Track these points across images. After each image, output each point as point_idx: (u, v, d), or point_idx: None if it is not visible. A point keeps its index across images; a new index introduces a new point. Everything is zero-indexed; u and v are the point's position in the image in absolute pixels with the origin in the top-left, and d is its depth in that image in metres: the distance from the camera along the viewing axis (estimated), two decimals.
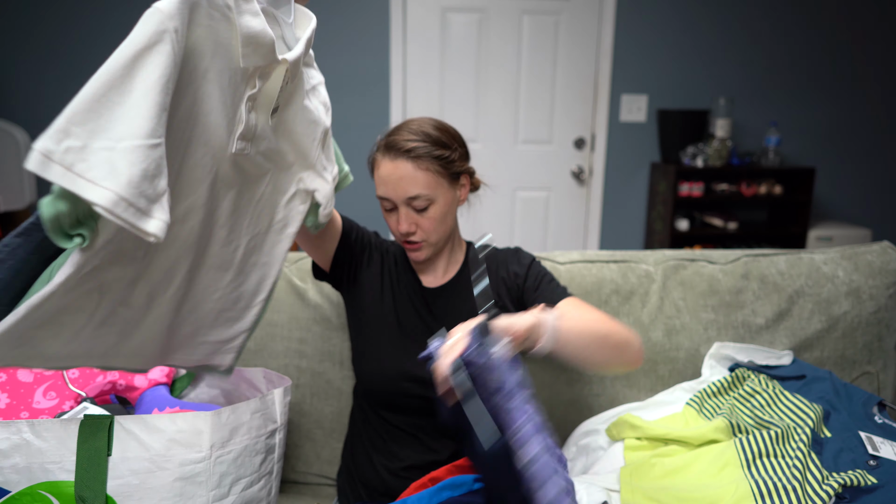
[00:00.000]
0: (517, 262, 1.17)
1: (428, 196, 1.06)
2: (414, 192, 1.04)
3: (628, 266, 1.37)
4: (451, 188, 1.10)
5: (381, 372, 1.12)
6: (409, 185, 1.04)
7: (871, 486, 0.87)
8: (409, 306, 1.15)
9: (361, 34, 3.07)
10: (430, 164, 1.05)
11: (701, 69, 3.18)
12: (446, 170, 1.08)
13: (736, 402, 1.12)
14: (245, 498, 1.01)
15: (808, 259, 1.37)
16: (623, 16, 3.10)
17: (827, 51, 3.20)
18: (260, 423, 1.03)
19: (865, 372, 1.31)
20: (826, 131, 3.29)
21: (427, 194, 1.05)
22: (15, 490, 0.91)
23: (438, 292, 1.16)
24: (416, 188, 1.04)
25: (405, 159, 1.04)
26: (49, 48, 2.99)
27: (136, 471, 0.92)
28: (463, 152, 1.12)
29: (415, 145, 1.04)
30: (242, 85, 0.76)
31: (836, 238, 3.10)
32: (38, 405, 1.05)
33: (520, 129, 3.22)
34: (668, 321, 1.31)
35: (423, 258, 1.12)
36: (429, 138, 1.06)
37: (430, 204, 1.07)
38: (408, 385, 1.09)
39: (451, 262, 1.19)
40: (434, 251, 1.12)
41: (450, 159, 1.08)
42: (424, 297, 1.16)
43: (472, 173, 1.16)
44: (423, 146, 1.05)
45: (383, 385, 1.12)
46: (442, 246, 1.15)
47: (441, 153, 1.07)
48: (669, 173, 3.02)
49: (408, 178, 1.04)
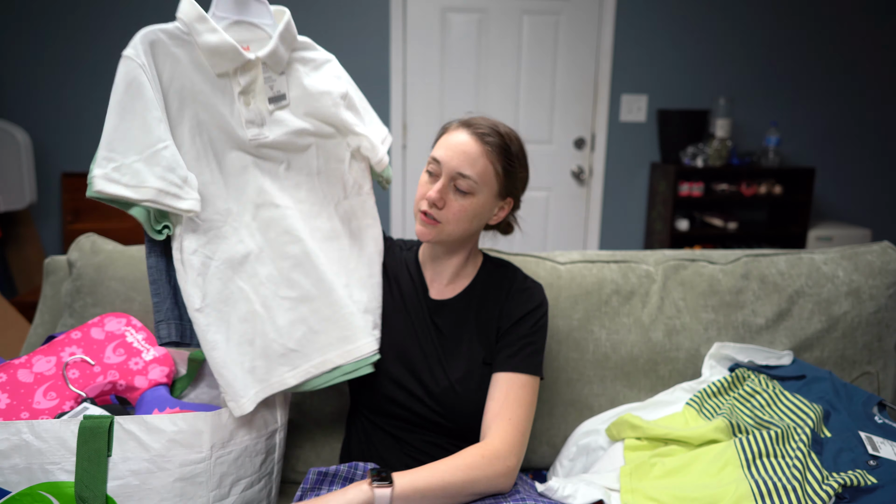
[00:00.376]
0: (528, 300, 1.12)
1: (475, 184, 1.04)
2: (467, 172, 1.03)
3: (628, 266, 1.37)
4: (494, 198, 1.09)
5: (371, 380, 1.11)
6: (467, 163, 1.03)
7: (870, 487, 0.87)
8: (411, 315, 1.14)
9: (361, 34, 3.07)
10: (494, 160, 1.05)
11: (701, 69, 3.18)
12: (503, 178, 1.07)
13: (736, 402, 1.12)
14: (245, 498, 1.01)
15: (808, 259, 1.37)
16: (623, 16, 3.10)
17: (827, 51, 3.20)
18: (260, 424, 1.03)
19: (865, 372, 1.31)
20: (826, 131, 3.29)
21: (476, 182, 1.04)
22: (15, 491, 0.91)
23: (443, 304, 1.15)
24: (471, 170, 1.03)
25: (477, 141, 1.04)
26: (49, 49, 2.99)
27: (137, 471, 0.92)
28: (523, 179, 1.12)
29: (491, 139, 1.05)
30: (229, 86, 0.97)
31: (836, 238, 3.10)
32: (38, 406, 1.05)
33: (520, 129, 3.20)
34: (668, 321, 1.31)
35: (428, 238, 1.08)
36: (504, 141, 1.07)
37: (471, 193, 1.05)
38: (391, 389, 1.09)
39: (462, 275, 1.16)
40: (441, 239, 1.09)
41: (510, 171, 1.08)
42: (429, 308, 1.15)
43: (515, 206, 1.15)
44: (497, 143, 1.05)
45: (369, 387, 1.12)
46: (454, 247, 1.14)
47: (508, 160, 1.07)
48: (669, 173, 3.02)
49: (471, 156, 1.04)
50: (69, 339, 1.16)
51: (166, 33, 0.92)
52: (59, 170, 3.09)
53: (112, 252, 1.39)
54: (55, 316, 1.43)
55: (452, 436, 1.10)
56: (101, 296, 1.33)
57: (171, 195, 0.88)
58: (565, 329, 1.30)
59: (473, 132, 1.05)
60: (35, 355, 1.13)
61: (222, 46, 0.95)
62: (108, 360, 1.14)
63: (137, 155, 0.87)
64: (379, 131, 1.16)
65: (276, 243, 1.02)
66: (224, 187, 1.00)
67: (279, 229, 1.02)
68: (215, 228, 0.99)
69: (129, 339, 1.20)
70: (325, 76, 1.09)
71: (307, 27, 3.04)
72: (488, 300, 1.13)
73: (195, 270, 0.95)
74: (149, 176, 0.87)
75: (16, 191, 2.82)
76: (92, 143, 3.07)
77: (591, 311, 1.32)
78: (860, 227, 3.19)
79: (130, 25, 2.98)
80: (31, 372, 1.09)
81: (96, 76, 3.02)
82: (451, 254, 1.15)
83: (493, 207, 1.10)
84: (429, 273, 1.18)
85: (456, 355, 1.10)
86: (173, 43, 0.93)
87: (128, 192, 0.86)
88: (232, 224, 1.00)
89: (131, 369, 1.15)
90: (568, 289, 1.33)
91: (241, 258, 0.99)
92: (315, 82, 1.06)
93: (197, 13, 0.95)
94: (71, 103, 3.04)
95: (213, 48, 0.94)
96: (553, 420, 1.30)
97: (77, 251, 1.39)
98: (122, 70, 0.88)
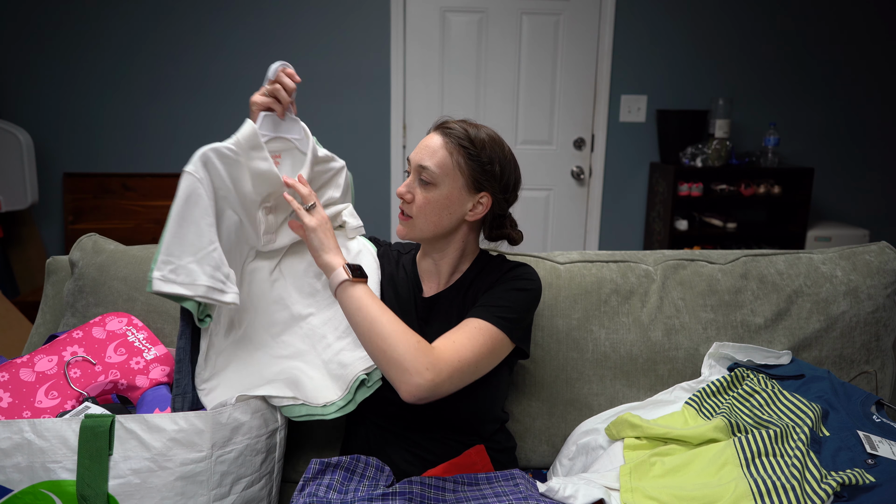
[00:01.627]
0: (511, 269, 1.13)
1: (435, 175, 1.08)
2: (426, 163, 1.08)
3: (628, 266, 1.37)
4: (463, 191, 1.10)
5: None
6: (427, 155, 1.09)
7: (869, 485, 0.87)
8: (407, 315, 1.15)
9: (361, 34, 3.07)
10: (456, 152, 1.08)
11: (700, 70, 3.18)
12: (468, 170, 1.09)
13: (735, 402, 1.13)
14: (246, 497, 1.02)
15: (807, 259, 1.37)
16: (623, 16, 3.10)
17: (826, 51, 3.20)
18: (260, 423, 1.04)
19: (863, 371, 1.31)
20: (825, 132, 3.29)
21: (435, 173, 1.08)
22: (17, 489, 0.92)
23: (434, 300, 1.16)
24: (430, 161, 1.08)
25: (440, 135, 1.10)
26: (51, 49, 2.99)
27: (138, 470, 0.92)
28: (499, 174, 1.11)
29: (454, 132, 1.09)
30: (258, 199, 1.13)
31: (835, 238, 3.10)
32: (40, 405, 1.05)
33: (519, 129, 3.22)
34: (667, 321, 1.31)
35: (404, 235, 1.14)
36: (469, 135, 1.09)
37: (432, 183, 1.08)
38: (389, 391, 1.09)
39: (455, 272, 1.18)
40: (416, 235, 1.12)
41: (478, 162, 1.09)
42: (420, 306, 1.17)
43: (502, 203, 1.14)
44: (458, 135, 1.09)
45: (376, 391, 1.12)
46: (440, 245, 1.15)
47: (472, 151, 1.09)
48: (669, 173, 3.03)
49: (431, 149, 1.09)
50: (71, 338, 1.16)
51: (220, 154, 1.06)
52: (61, 170, 3.10)
53: (114, 252, 1.39)
54: (57, 315, 1.43)
55: (453, 430, 1.11)
56: (102, 295, 1.34)
57: (217, 290, 1.02)
58: (564, 329, 1.31)
59: (441, 130, 1.11)
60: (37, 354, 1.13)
61: (268, 174, 1.10)
62: (110, 360, 1.15)
63: (192, 257, 1.00)
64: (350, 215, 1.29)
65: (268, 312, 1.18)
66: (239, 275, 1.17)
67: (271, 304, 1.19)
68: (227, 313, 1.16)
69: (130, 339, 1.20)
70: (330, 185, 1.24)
71: (308, 28, 3.04)
72: (477, 288, 1.14)
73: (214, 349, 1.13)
74: (200, 275, 1.00)
75: (17, 191, 2.82)
76: (93, 143, 3.08)
77: (590, 310, 1.32)
78: (858, 228, 3.19)
79: (131, 26, 2.99)
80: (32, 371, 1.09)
81: (98, 76, 3.03)
82: (440, 252, 1.16)
83: (465, 201, 1.11)
84: (427, 273, 1.20)
85: None
86: (223, 161, 1.06)
87: (182, 290, 0.99)
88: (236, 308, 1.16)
89: (132, 368, 1.15)
90: (567, 288, 1.33)
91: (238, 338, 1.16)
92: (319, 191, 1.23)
93: (255, 142, 1.08)
94: (72, 104, 3.04)
95: (261, 174, 1.10)
96: (553, 420, 1.30)
97: (79, 251, 1.39)
98: (184, 184, 1.01)
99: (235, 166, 1.08)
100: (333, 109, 3.13)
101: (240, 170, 1.08)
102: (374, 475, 1.03)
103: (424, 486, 0.96)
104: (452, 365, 0.96)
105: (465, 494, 0.97)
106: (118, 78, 3.03)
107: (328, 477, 1.00)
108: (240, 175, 1.09)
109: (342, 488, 0.98)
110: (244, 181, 1.09)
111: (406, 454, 1.11)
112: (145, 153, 3.12)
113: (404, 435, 1.12)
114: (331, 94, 3.11)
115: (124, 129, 3.09)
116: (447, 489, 0.98)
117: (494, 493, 0.97)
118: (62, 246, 3.15)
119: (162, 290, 0.98)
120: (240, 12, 3.01)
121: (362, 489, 0.98)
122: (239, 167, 1.08)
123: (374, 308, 0.98)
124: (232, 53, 3.04)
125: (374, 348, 0.96)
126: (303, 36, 3.04)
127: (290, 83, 1.10)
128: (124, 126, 3.08)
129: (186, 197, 1.01)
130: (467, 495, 0.97)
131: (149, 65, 3.03)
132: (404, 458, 1.11)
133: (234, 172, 1.08)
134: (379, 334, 0.95)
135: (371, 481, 1.01)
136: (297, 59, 3.03)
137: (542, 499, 0.95)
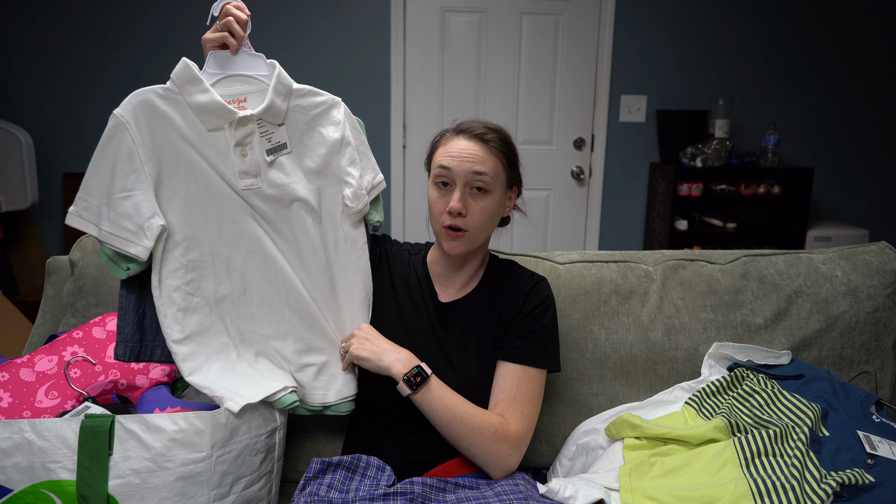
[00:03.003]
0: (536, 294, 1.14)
1: (491, 180, 1.08)
2: (481, 169, 1.06)
3: (628, 266, 1.37)
4: (504, 190, 1.12)
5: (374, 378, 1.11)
6: (478, 162, 1.07)
7: (868, 485, 0.87)
8: (421, 318, 1.15)
9: (361, 35, 3.07)
10: (498, 153, 1.09)
11: (700, 70, 3.18)
12: (508, 167, 1.11)
13: (735, 402, 1.13)
14: (245, 497, 1.02)
15: (807, 259, 1.37)
16: (623, 16, 3.10)
17: (825, 51, 3.20)
18: (260, 423, 1.04)
19: (863, 371, 1.31)
20: (825, 132, 3.29)
21: (491, 177, 1.08)
22: (17, 489, 0.92)
23: (453, 306, 1.16)
24: (483, 166, 1.07)
25: (478, 142, 1.08)
26: (51, 49, 2.99)
27: (138, 470, 0.92)
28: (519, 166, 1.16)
29: (490, 136, 1.09)
30: (224, 139, 1.06)
31: (835, 238, 3.11)
32: (40, 405, 1.05)
33: (520, 129, 3.22)
34: (667, 321, 1.31)
35: (460, 251, 1.10)
36: (499, 133, 1.11)
37: (489, 190, 1.08)
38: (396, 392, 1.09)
39: (473, 277, 1.18)
40: (470, 248, 1.11)
41: (513, 161, 1.12)
42: (437, 311, 1.16)
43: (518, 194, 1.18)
44: (495, 137, 1.10)
45: (374, 389, 1.13)
46: (475, 251, 1.15)
47: (508, 149, 1.11)
48: (669, 173, 3.03)
49: (479, 156, 1.07)
50: (71, 338, 1.17)
51: (156, 94, 1.03)
52: (61, 170, 3.10)
53: None
54: (57, 315, 1.43)
55: None
56: (103, 295, 1.34)
57: (120, 238, 1.01)
58: (564, 329, 1.31)
59: (471, 135, 1.09)
60: (37, 354, 1.13)
61: (210, 105, 1.04)
62: (110, 360, 1.15)
63: (104, 199, 1.01)
64: (369, 177, 1.17)
65: (261, 289, 1.11)
66: (217, 232, 1.09)
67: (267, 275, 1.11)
68: (200, 268, 1.09)
69: None
70: (323, 123, 1.13)
71: (308, 28, 3.04)
72: (497, 298, 1.15)
73: (175, 306, 1.06)
74: (104, 220, 1.01)
75: (17, 191, 2.82)
76: (93, 143, 3.07)
77: (590, 310, 1.32)
78: (858, 228, 3.19)
79: (131, 26, 2.99)
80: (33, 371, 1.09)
81: (97, 77, 3.03)
82: (470, 259, 1.16)
83: (505, 199, 1.13)
84: (440, 278, 1.19)
85: (468, 354, 1.11)
86: (164, 102, 1.03)
87: (88, 229, 1.01)
88: (219, 266, 1.10)
89: (132, 368, 1.15)
90: (567, 288, 1.33)
91: (221, 297, 1.10)
92: (312, 130, 1.13)
93: (189, 75, 1.03)
94: (72, 103, 3.04)
95: (201, 107, 1.04)
96: (553, 419, 1.30)
97: (79, 251, 1.39)
98: (108, 126, 1.01)
99: (179, 106, 1.04)
100: None
101: (185, 110, 1.04)
102: (376, 475, 1.03)
103: (425, 487, 0.96)
104: (528, 435, 1.08)
105: (466, 494, 0.97)
106: (118, 78, 3.03)
107: (329, 476, 1.00)
108: (189, 115, 1.04)
109: (343, 488, 0.99)
110: (192, 120, 1.05)
111: (408, 453, 1.11)
112: None
113: (406, 434, 1.12)
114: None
115: None
116: (448, 489, 0.98)
117: (495, 493, 0.97)
118: (62, 246, 3.15)
119: (72, 224, 1.01)
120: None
121: (363, 489, 0.98)
122: (183, 107, 1.04)
123: (447, 409, 1.04)
124: None
125: (459, 444, 1.05)
126: (303, 36, 3.04)
127: (240, 14, 1.04)
128: None
129: (109, 138, 1.01)
130: (468, 495, 0.97)
131: (149, 65, 3.03)
132: (406, 458, 1.11)
133: (181, 112, 1.04)
134: (460, 436, 1.04)
135: (372, 481, 1.01)
136: (297, 58, 3.03)
137: (543, 499, 0.95)
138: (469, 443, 1.03)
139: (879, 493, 0.87)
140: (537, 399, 1.10)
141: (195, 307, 1.08)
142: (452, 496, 0.97)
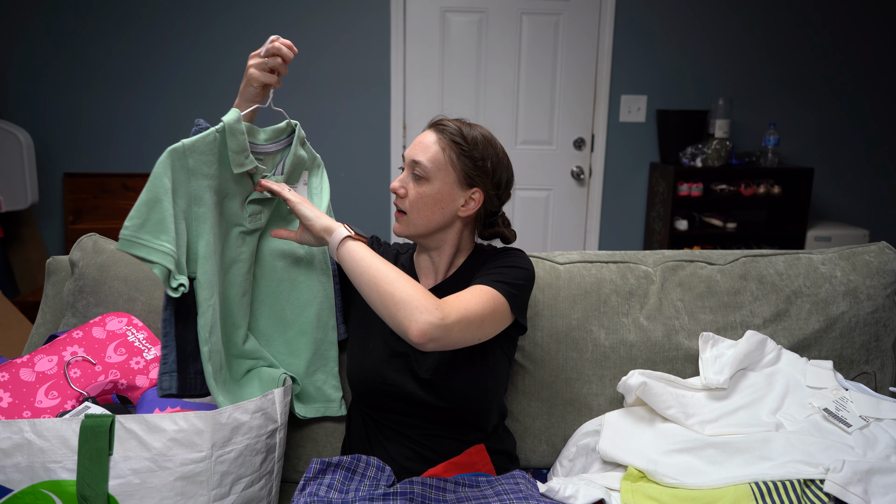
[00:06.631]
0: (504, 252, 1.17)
1: (427, 169, 1.10)
2: (419, 158, 1.10)
3: (627, 266, 1.37)
4: (455, 186, 1.11)
5: (364, 370, 1.13)
6: (421, 150, 1.11)
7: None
8: None
9: (361, 34, 3.07)
10: (449, 147, 1.10)
11: (700, 70, 3.18)
12: (461, 166, 1.10)
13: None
14: (246, 497, 1.02)
15: (807, 259, 1.37)
16: (623, 16, 3.11)
17: (825, 51, 3.20)
18: (260, 423, 1.04)
19: (863, 372, 1.31)
20: (824, 132, 3.29)
21: (428, 168, 1.10)
22: (17, 489, 0.92)
23: (433, 291, 1.17)
24: (423, 156, 1.10)
25: (434, 132, 1.12)
26: (51, 49, 2.99)
27: (138, 470, 0.93)
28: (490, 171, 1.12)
29: (447, 129, 1.12)
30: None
31: (835, 238, 3.11)
32: (40, 405, 1.06)
33: (519, 129, 3.22)
34: (667, 321, 1.31)
35: (399, 232, 1.15)
36: (463, 132, 1.12)
37: (425, 178, 1.10)
38: (386, 386, 1.10)
39: (451, 267, 1.20)
40: (411, 231, 1.14)
41: (470, 159, 1.11)
42: None
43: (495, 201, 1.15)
44: (451, 131, 1.11)
45: (366, 384, 1.14)
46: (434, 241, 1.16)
47: (465, 148, 1.11)
48: (669, 173, 3.03)
49: (424, 144, 1.11)
50: (71, 338, 1.17)
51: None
52: (61, 170, 3.10)
53: (114, 252, 1.39)
54: (57, 315, 1.43)
55: (454, 424, 1.11)
56: (103, 295, 1.34)
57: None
58: (564, 329, 1.31)
59: (435, 127, 1.13)
60: (37, 354, 1.13)
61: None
62: (110, 360, 1.15)
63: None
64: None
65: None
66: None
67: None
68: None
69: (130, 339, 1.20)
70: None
71: (308, 28, 3.04)
72: (471, 277, 1.16)
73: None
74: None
75: (18, 191, 2.82)
76: (93, 143, 3.08)
77: (589, 311, 1.32)
78: (858, 228, 3.19)
79: (132, 26, 2.99)
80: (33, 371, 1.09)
81: (97, 77, 3.03)
82: (436, 248, 1.18)
83: (458, 197, 1.12)
84: (421, 270, 1.21)
85: None
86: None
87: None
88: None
89: (132, 368, 1.15)
90: (567, 289, 1.33)
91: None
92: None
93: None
94: (72, 104, 3.05)
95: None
96: (552, 420, 1.30)
97: (79, 251, 1.40)
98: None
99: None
100: (333, 109, 3.13)
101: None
102: (375, 475, 1.03)
103: (425, 486, 0.96)
104: (459, 311, 0.96)
105: (466, 494, 0.98)
106: (118, 78, 3.03)
107: (329, 476, 1.00)
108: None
109: (343, 488, 0.99)
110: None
111: (406, 451, 1.12)
112: (145, 153, 3.12)
113: (405, 431, 1.12)
114: (331, 94, 3.12)
115: (124, 129, 3.09)
116: (448, 489, 0.99)
117: (495, 492, 0.97)
118: (62, 246, 3.15)
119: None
120: (241, 13, 3.02)
121: (363, 489, 0.98)
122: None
123: (378, 260, 1.00)
124: (233, 53, 3.04)
125: (381, 293, 0.95)
126: (303, 36, 3.04)
127: (287, 53, 1.06)
128: (124, 126, 3.08)
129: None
130: (468, 495, 0.97)
131: (149, 65, 3.03)
132: (404, 455, 1.11)
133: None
134: (385, 279, 0.96)
135: (372, 481, 1.02)
136: (297, 59, 3.03)
137: (543, 499, 0.95)
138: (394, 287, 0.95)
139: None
140: (480, 307, 0.99)
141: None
142: (452, 496, 0.97)
